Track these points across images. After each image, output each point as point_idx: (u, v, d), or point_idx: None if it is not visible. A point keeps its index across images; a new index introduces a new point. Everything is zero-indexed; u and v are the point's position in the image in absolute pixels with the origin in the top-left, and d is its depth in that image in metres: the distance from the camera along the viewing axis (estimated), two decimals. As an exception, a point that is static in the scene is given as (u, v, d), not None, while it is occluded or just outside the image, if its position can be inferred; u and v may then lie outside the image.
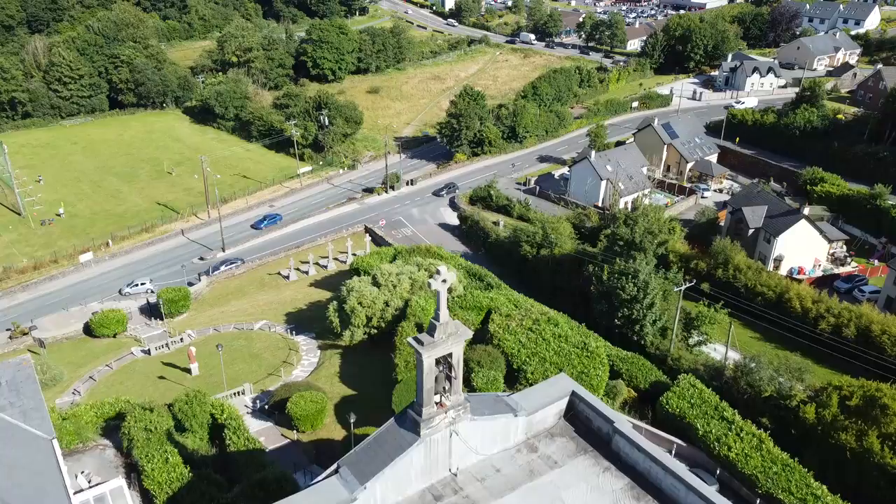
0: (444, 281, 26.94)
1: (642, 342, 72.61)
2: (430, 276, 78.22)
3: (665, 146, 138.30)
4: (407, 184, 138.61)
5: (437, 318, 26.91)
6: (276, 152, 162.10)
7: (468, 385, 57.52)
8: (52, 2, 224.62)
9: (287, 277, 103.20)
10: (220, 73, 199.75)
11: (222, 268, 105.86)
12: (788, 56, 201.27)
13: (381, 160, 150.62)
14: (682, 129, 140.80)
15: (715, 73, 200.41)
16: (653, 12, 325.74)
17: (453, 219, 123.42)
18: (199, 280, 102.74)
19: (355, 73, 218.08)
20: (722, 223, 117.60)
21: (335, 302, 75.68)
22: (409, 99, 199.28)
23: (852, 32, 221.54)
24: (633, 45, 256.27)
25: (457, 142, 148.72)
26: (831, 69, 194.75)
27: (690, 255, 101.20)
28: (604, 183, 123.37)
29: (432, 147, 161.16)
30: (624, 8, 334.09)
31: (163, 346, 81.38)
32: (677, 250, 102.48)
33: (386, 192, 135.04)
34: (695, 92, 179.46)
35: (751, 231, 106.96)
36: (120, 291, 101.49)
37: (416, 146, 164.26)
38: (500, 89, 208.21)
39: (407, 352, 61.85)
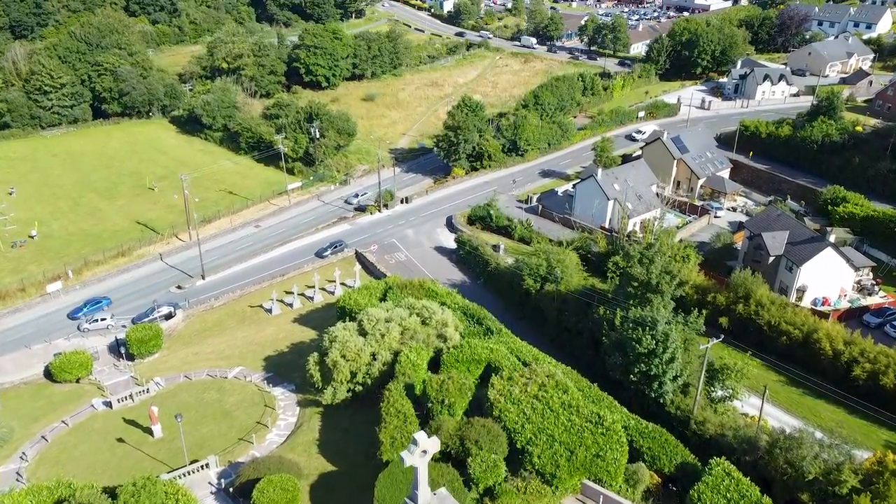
0: (423, 452, 18.40)
1: (661, 400, 63.86)
2: (423, 322, 69.67)
3: (675, 161, 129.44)
4: (402, 202, 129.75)
5: (413, 498, 18.36)
6: (265, 165, 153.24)
7: (463, 473, 48.76)
8: (37, 6, 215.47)
9: (269, 311, 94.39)
10: (209, 81, 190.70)
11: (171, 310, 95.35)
12: (799, 62, 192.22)
13: (375, 174, 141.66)
14: (693, 143, 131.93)
15: (723, 79, 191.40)
16: (656, 14, 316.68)
17: (450, 241, 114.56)
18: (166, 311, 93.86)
19: (350, 80, 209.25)
20: (738, 246, 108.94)
21: (316, 354, 66.85)
22: (405, 107, 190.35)
23: (864, 37, 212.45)
24: (637, 48, 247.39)
25: (454, 156, 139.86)
26: (844, 76, 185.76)
27: (707, 286, 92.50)
28: (611, 203, 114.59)
29: (429, 159, 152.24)
30: (626, 10, 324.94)
31: (126, 398, 72.61)
32: (693, 280, 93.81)
33: (379, 210, 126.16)
34: (703, 100, 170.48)
35: (771, 259, 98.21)
36: (79, 327, 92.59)
37: (411, 158, 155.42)
38: (499, 96, 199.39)
39: (393, 426, 53.09)
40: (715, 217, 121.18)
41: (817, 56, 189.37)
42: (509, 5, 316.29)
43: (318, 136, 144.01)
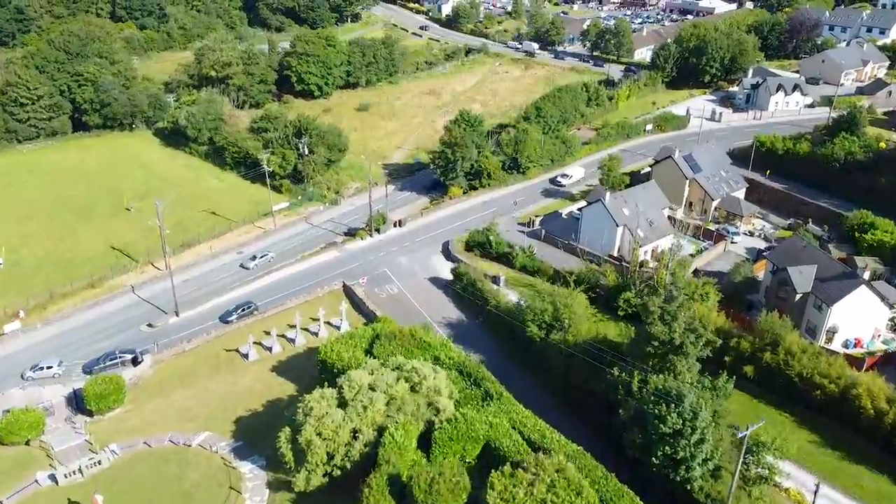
0: None
1: (688, 486, 54.50)
2: (413, 388, 60.12)
3: (687, 182, 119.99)
4: (395, 225, 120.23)
5: None
6: (251, 182, 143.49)
7: None
8: (19, 12, 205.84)
9: (246, 357, 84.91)
10: (196, 90, 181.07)
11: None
12: (812, 70, 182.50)
13: (368, 192, 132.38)
14: (706, 161, 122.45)
15: (733, 88, 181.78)
16: (659, 17, 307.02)
17: (446, 270, 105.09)
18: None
19: (344, 88, 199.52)
20: (759, 276, 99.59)
21: (288, 429, 57.48)
22: (401, 117, 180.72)
23: (878, 43, 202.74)
24: (641, 53, 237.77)
25: (451, 173, 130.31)
26: (861, 84, 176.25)
27: (729, 329, 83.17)
28: (620, 230, 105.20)
29: (425, 176, 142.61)
30: (628, 13, 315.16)
31: (75, 473, 63.24)
32: (711, 321, 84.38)
33: (370, 235, 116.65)
34: (714, 112, 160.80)
35: (798, 296, 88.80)
36: (22, 376, 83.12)
37: (406, 175, 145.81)
38: (499, 105, 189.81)
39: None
40: (731, 243, 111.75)
41: (832, 64, 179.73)
42: (509, 8, 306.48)
43: (306, 152, 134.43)
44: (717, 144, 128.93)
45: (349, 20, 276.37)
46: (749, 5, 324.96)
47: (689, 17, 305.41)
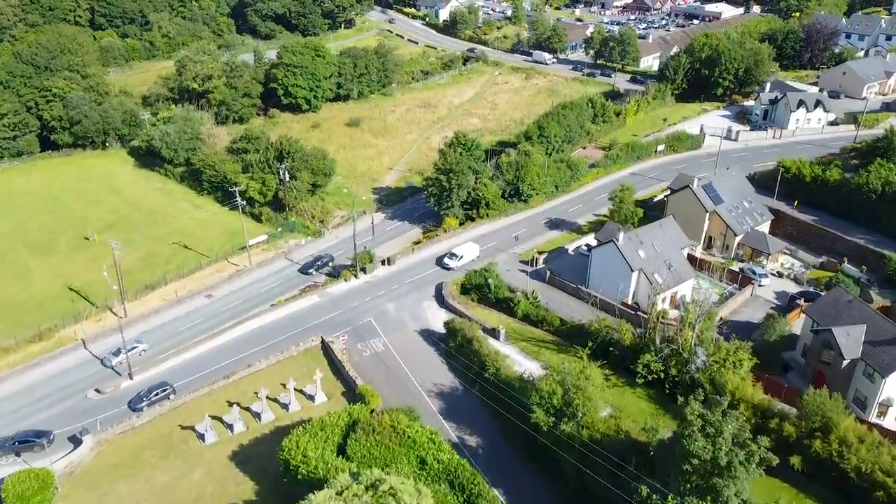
0: None
1: None
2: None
3: (707, 215, 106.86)
4: (382, 263, 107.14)
5: None
6: (230, 209, 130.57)
7: None
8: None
9: (203, 437, 71.91)
10: (176, 105, 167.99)
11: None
12: (832, 82, 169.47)
13: (356, 222, 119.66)
14: (727, 190, 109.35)
15: (748, 102, 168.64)
16: (664, 22, 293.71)
17: (439, 320, 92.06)
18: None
19: (334, 101, 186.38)
20: (793, 327, 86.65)
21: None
22: (393, 133, 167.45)
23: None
24: (647, 61, 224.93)
25: (446, 203, 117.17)
26: (886, 99, 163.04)
27: (768, 406, 70.38)
28: (635, 275, 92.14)
29: (417, 202, 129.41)
30: (632, 17, 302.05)
31: None
32: (746, 396, 71.59)
33: (355, 276, 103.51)
34: (729, 130, 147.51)
35: (845, 362, 75.78)
36: None
37: (397, 201, 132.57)
38: (499, 119, 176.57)
39: None
40: (759, 285, 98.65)
41: (853, 76, 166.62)
42: (508, 13, 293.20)
43: (286, 179, 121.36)
44: (737, 169, 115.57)
45: (342, 26, 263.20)
46: (756, 9, 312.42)
47: (695, 21, 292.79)
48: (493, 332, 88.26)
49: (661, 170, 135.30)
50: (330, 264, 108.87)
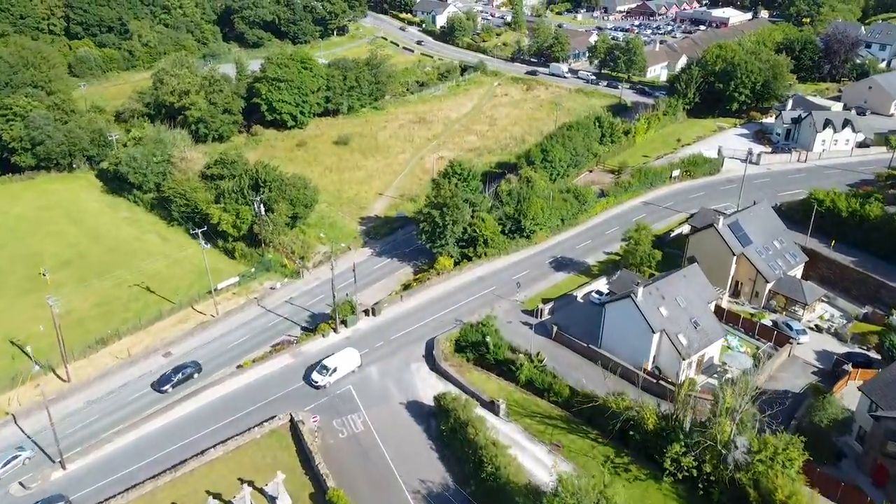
0: None
1: None
2: None
3: (734, 258, 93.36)
4: (366, 314, 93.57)
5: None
6: (203, 243, 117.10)
7: None
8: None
9: (137, 560, 58.46)
10: (149, 122, 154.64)
11: None
12: (857, 98, 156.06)
13: (341, 259, 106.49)
14: (756, 228, 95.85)
15: (768, 119, 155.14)
16: (669, 28, 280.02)
17: (429, 388, 78.65)
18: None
19: (323, 116, 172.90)
20: (841, 398, 73.33)
21: None
22: (385, 153, 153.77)
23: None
24: (654, 71, 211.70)
25: (440, 240, 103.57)
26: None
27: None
28: (657, 336, 78.62)
29: (409, 234, 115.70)
30: (636, 23, 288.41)
31: None
32: (801, 505, 58.16)
33: (335, 330, 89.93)
34: (750, 152, 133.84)
35: (918, 458, 62.30)
36: None
37: (386, 233, 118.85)
38: (498, 137, 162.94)
39: None
40: (797, 343, 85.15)
41: (880, 91, 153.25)
42: (508, 18, 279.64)
43: (261, 212, 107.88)
44: (764, 203, 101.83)
45: (334, 33, 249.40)
46: (764, 14, 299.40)
47: (702, 27, 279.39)
48: (492, 407, 74.96)
49: (677, 198, 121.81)
50: (195, 375, 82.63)
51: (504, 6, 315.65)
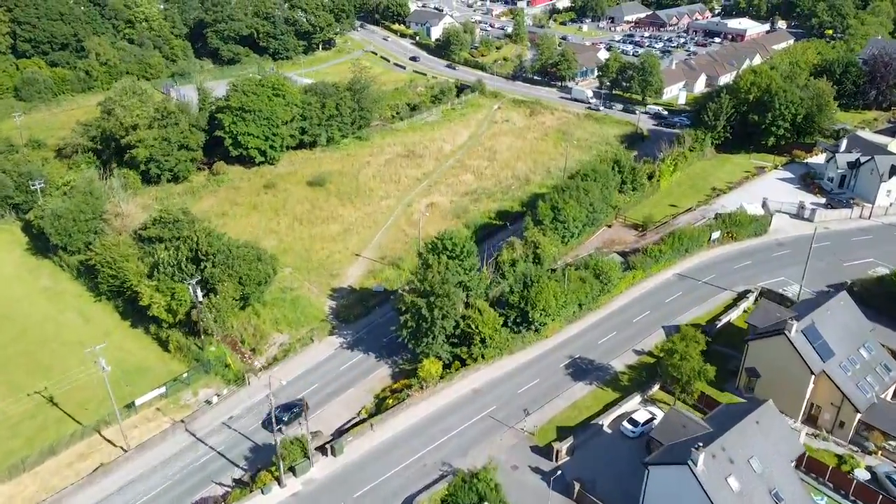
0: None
1: None
2: None
3: (812, 377, 68.98)
4: (323, 452, 69.11)
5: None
6: (131, 326, 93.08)
7: None
8: None
9: None
10: (93, 160, 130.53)
11: None
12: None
13: (302, 352, 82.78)
14: (837, 333, 71.61)
15: (814, 159, 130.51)
16: (682, 40, 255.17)
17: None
18: None
19: (298, 149, 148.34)
20: None
21: None
22: (366, 197, 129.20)
23: None
24: (671, 91, 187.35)
25: (427, 338, 79.05)
26: None
27: None
28: (726, 520, 54.17)
29: (388, 316, 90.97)
30: (646, 35, 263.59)
31: None
32: None
33: (278, 482, 65.41)
34: (801, 207, 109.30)
35: None
36: None
37: (361, 314, 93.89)
38: (499, 175, 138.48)
39: None
40: (908, 511, 60.83)
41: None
42: (509, 29, 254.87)
43: (197, 298, 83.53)
44: (843, 295, 77.10)
45: (320, 48, 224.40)
46: (781, 24, 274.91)
47: (716, 39, 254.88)
48: None
49: (719, 269, 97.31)
50: None
51: (504, 16, 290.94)
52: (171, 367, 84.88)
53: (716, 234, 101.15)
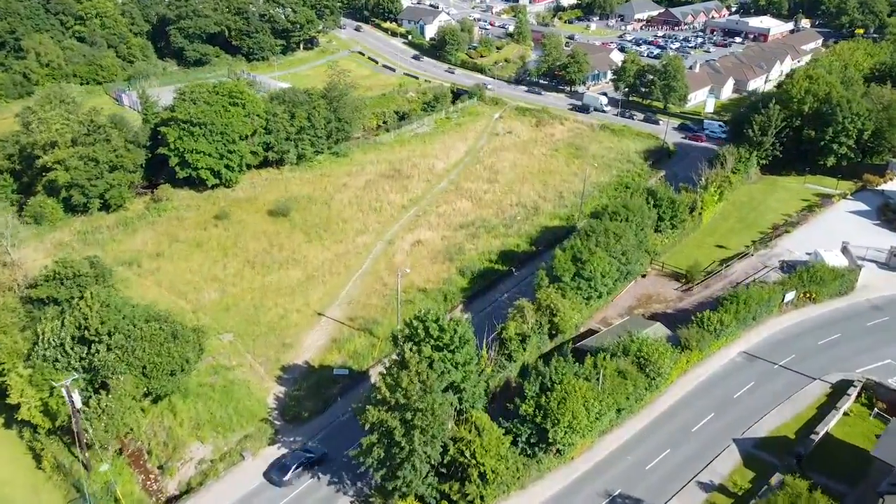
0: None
1: None
2: None
3: None
4: None
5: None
6: (3, 426, 67.09)
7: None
8: None
9: None
10: (9, 181, 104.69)
11: None
12: None
13: (227, 471, 57.27)
14: None
15: (891, 184, 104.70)
16: (700, 40, 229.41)
17: None
18: None
19: (262, 167, 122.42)
20: None
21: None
22: (338, 231, 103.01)
23: None
24: (695, 98, 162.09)
25: (401, 472, 52.93)
26: None
27: None
28: None
29: (348, 406, 64.68)
30: (660, 35, 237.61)
31: None
32: None
33: None
34: (893, 254, 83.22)
35: None
36: None
37: (317, 410, 67.37)
38: (501, 203, 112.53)
39: None
40: None
41: None
42: (510, 28, 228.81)
43: (73, 404, 57.43)
44: None
45: (300, 47, 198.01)
46: (805, 23, 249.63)
47: (737, 39, 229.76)
48: None
49: (800, 346, 71.23)
50: None
51: (505, 14, 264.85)
52: (42, 498, 58.92)
53: (790, 296, 74.99)
